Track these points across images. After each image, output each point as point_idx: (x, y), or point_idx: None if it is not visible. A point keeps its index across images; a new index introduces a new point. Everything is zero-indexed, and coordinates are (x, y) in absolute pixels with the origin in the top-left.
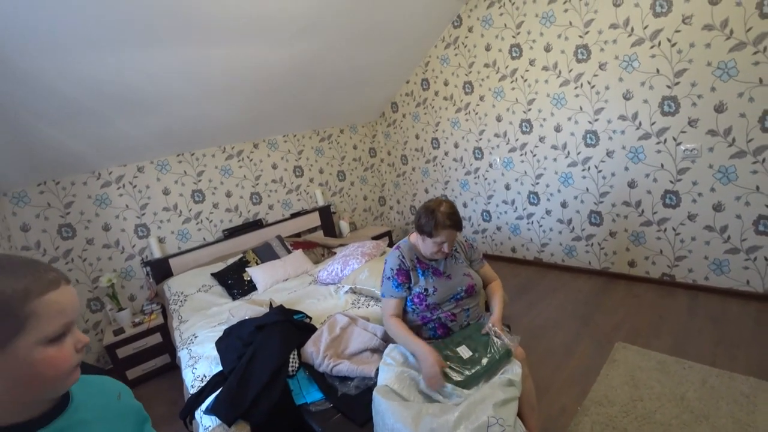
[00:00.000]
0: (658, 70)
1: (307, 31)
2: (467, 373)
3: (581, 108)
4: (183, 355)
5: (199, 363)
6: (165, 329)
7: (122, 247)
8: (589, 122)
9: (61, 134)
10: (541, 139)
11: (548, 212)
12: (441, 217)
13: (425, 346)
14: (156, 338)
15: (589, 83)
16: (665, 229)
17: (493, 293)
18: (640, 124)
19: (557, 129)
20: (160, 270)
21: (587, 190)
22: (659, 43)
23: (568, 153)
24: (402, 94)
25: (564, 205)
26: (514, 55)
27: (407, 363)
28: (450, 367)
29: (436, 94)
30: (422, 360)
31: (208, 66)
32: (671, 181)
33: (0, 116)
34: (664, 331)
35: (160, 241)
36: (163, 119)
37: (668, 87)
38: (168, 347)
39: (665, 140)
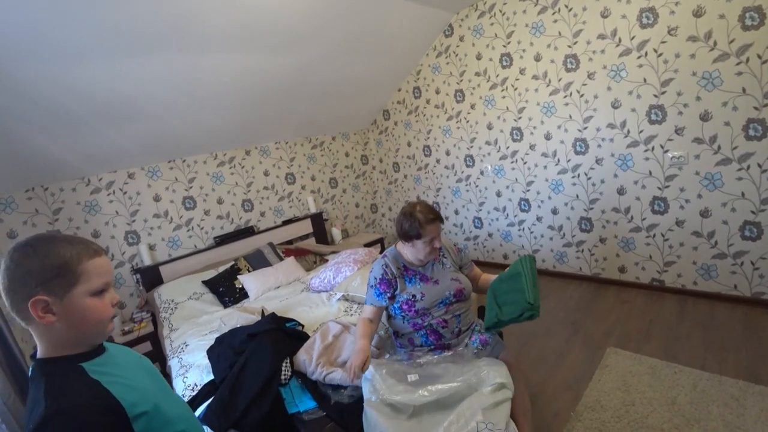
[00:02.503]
0: (645, 80)
1: (300, 40)
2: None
3: (570, 116)
4: (173, 363)
5: (190, 372)
6: (155, 338)
7: (112, 254)
8: (579, 130)
9: (49, 141)
10: (532, 147)
11: (539, 219)
12: (421, 215)
13: (362, 345)
14: (146, 347)
15: (578, 92)
16: (654, 235)
17: (488, 276)
18: (628, 132)
19: (547, 137)
20: (151, 277)
21: (577, 197)
22: (646, 54)
23: (558, 160)
24: (394, 102)
25: (554, 211)
26: (504, 64)
27: (382, 365)
28: None
29: (428, 102)
30: (354, 353)
31: (200, 74)
32: (659, 188)
33: None
34: (654, 335)
35: (151, 248)
36: (154, 126)
37: (655, 96)
38: (158, 356)
39: (653, 148)
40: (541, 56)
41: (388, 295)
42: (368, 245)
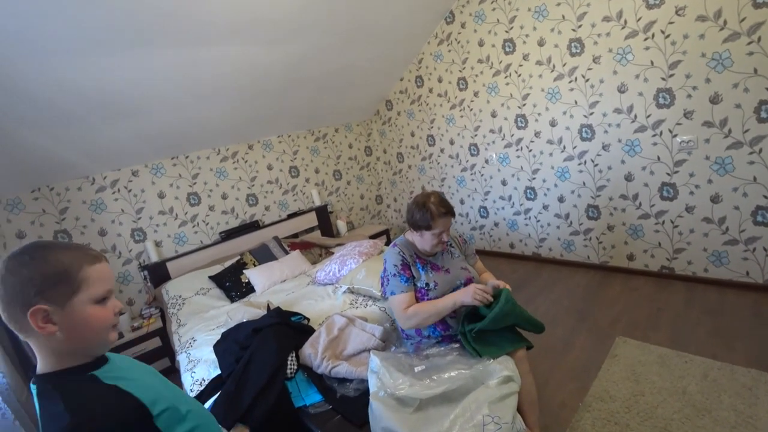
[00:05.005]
0: (652, 63)
1: (298, 31)
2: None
3: (576, 102)
4: (182, 358)
5: (198, 367)
6: (164, 333)
7: (119, 251)
8: (585, 116)
9: (50, 141)
10: (537, 134)
11: (545, 207)
12: (434, 207)
13: (457, 291)
14: (155, 342)
15: (583, 77)
16: (663, 222)
17: (488, 275)
18: (635, 116)
19: (552, 123)
20: (158, 274)
21: (584, 184)
22: (653, 35)
23: (564, 147)
24: (396, 92)
25: (561, 199)
26: (507, 50)
27: (388, 358)
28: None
29: (431, 91)
30: (464, 296)
31: (197, 69)
32: (668, 174)
33: None
34: (663, 324)
35: (157, 244)
36: (154, 123)
37: (663, 79)
38: (167, 351)
39: (661, 132)
40: (544, 41)
41: (413, 280)
42: (374, 237)
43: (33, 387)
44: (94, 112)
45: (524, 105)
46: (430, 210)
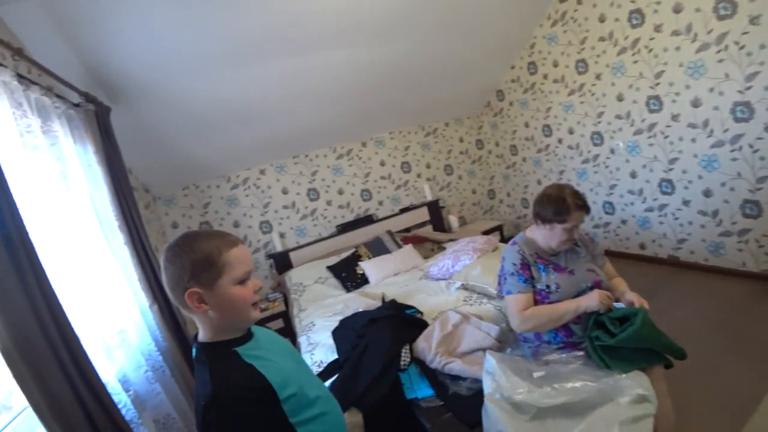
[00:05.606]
0: None
1: (401, 27)
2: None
3: (727, 75)
4: (302, 340)
5: (317, 349)
6: (287, 316)
7: (250, 241)
8: (739, 92)
9: (196, 146)
10: (674, 118)
11: (686, 203)
12: (570, 199)
13: (581, 296)
14: (279, 323)
15: (736, 44)
16: None
17: (619, 281)
18: None
19: (695, 104)
20: (282, 262)
21: (739, 174)
22: None
23: (712, 131)
24: (507, 81)
25: (707, 194)
26: (634, 22)
27: (504, 360)
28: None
29: (545, 77)
30: (589, 301)
31: (309, 76)
32: None
33: (150, 134)
34: None
35: (281, 236)
36: (276, 127)
37: None
38: (290, 332)
39: None
40: (681, 6)
41: (532, 281)
42: (487, 233)
43: (195, 351)
44: (229, 120)
45: (658, 84)
46: (566, 201)
